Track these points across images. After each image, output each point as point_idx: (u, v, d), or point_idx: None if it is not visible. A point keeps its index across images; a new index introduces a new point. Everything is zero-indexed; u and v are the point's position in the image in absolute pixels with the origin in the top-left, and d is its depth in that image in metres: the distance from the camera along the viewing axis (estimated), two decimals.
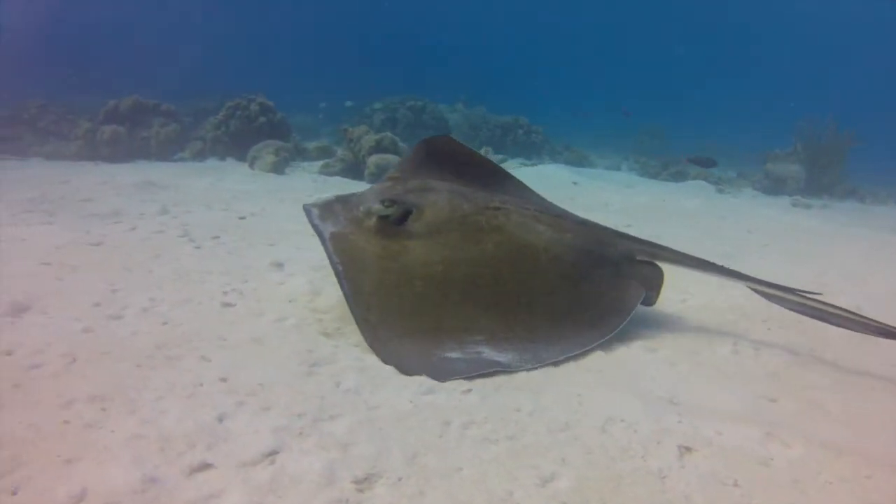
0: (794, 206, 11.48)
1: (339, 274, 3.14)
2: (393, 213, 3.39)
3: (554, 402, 2.58)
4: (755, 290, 3.45)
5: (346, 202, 3.61)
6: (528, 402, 2.55)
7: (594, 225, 3.88)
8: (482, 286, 3.18)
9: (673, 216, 8.66)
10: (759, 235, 7.58)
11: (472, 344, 2.94)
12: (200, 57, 25.00)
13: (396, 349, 2.89)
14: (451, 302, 3.10)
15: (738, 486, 2.07)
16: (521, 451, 2.18)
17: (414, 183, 3.70)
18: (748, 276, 3.51)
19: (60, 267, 3.96)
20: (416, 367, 2.78)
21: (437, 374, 2.74)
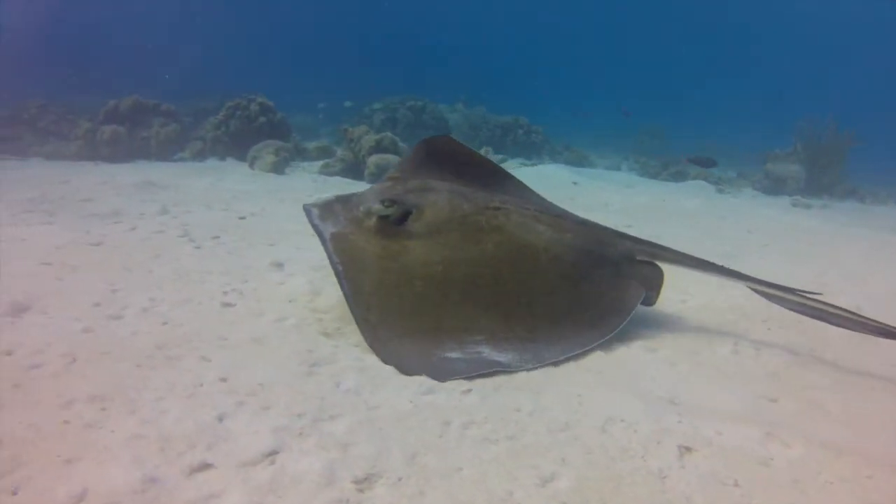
0: (794, 206, 11.47)
1: (339, 274, 3.14)
2: (393, 213, 3.39)
3: (554, 402, 2.58)
4: (755, 289, 3.45)
5: (346, 202, 3.60)
6: (528, 402, 2.55)
7: (594, 225, 3.88)
8: (482, 286, 3.18)
9: (673, 216, 8.66)
10: (759, 235, 7.58)
11: (472, 344, 2.94)
12: (200, 57, 25.01)
13: (396, 349, 2.89)
14: (451, 302, 3.10)
15: (738, 486, 2.07)
16: (521, 451, 2.18)
17: (414, 183, 3.69)
18: (748, 275, 3.51)
19: (60, 267, 3.96)
20: (416, 367, 2.78)
21: (437, 374, 2.74)
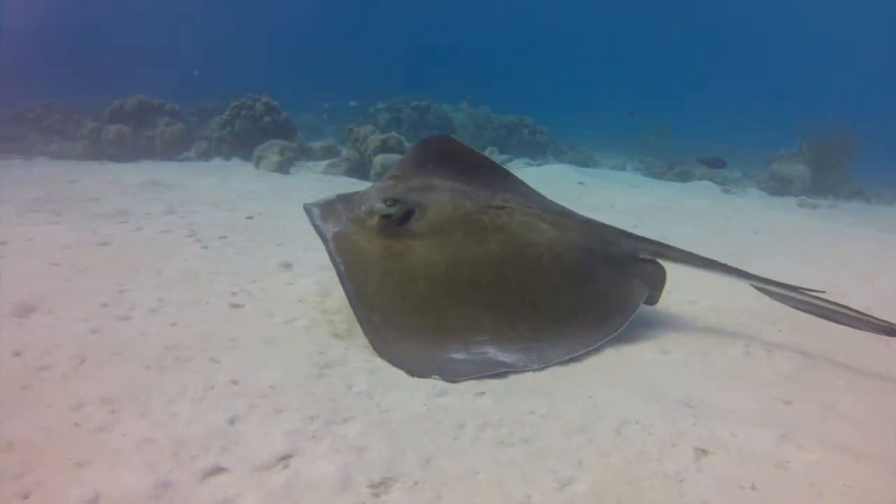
0: (800, 206, 11.42)
1: (341, 274, 3.12)
2: (395, 212, 3.36)
3: (567, 404, 2.56)
4: (760, 288, 3.43)
5: (347, 201, 3.58)
6: (541, 404, 2.53)
7: (597, 224, 3.85)
8: (486, 286, 3.16)
9: (679, 216, 8.62)
10: (765, 236, 7.54)
11: (476, 344, 2.92)
12: (202, 57, 24.99)
13: (400, 350, 2.86)
14: (454, 302, 3.07)
15: (755, 489, 2.05)
16: (536, 453, 2.16)
17: (416, 182, 3.67)
18: (753, 274, 3.49)
19: (67, 267, 3.94)
20: (420, 367, 2.76)
21: (443, 374, 2.72)
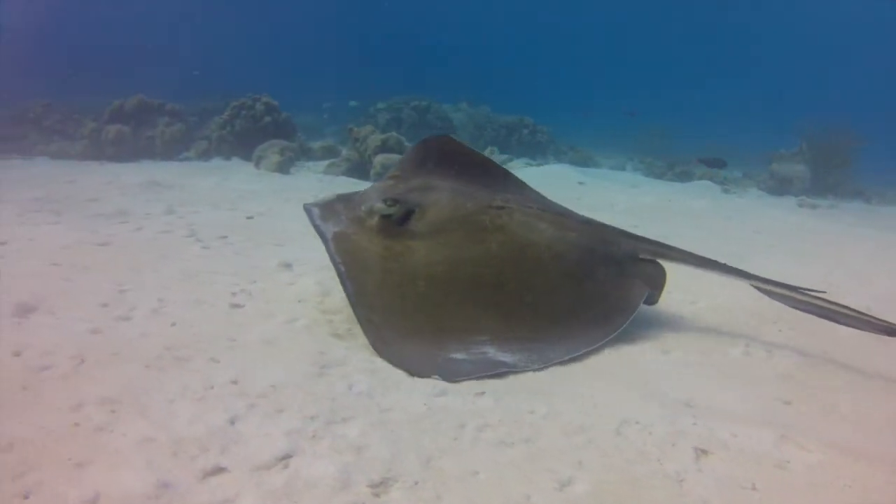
0: (800, 206, 11.40)
1: (341, 274, 3.12)
2: (395, 212, 3.36)
3: (567, 404, 2.56)
4: (759, 288, 3.43)
5: (347, 201, 3.58)
6: (541, 404, 2.53)
7: (597, 223, 3.85)
8: (486, 286, 3.16)
9: (679, 216, 8.62)
10: (765, 236, 7.54)
11: (476, 344, 2.92)
12: (202, 57, 25.01)
13: (400, 350, 2.86)
14: (454, 302, 3.07)
15: (756, 489, 2.05)
16: (537, 454, 2.16)
17: (416, 182, 3.67)
18: (753, 274, 3.49)
19: (67, 267, 3.94)
20: (420, 367, 2.76)
21: (443, 374, 2.72)
